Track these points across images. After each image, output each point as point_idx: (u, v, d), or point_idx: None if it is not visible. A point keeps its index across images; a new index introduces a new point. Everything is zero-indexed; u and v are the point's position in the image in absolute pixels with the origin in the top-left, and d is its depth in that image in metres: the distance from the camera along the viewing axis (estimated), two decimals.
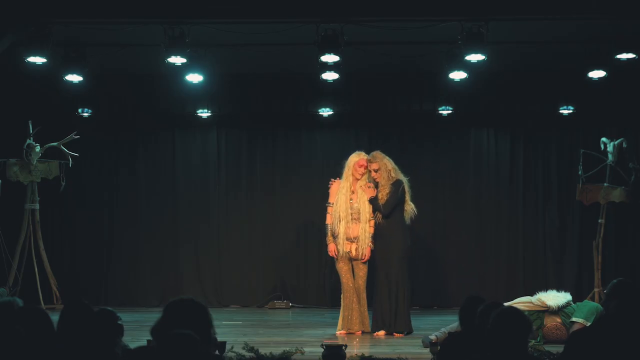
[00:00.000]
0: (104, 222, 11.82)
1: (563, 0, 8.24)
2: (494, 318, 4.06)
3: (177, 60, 8.75)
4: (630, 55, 8.55)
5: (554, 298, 8.16)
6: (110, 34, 8.93)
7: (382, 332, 8.83)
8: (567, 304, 8.15)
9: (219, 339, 4.35)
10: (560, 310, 8.12)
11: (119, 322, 4.33)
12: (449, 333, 7.05)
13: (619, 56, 8.58)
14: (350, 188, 8.92)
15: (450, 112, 11.25)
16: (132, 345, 4.70)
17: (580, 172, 11.11)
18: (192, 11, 8.31)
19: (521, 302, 8.15)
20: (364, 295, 8.98)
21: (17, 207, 10.96)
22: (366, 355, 7.24)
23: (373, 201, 8.80)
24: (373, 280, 8.95)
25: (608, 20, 8.38)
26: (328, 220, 9.01)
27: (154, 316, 3.64)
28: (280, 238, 11.82)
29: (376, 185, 8.89)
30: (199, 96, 11.04)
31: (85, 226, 11.79)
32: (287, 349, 7.46)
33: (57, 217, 11.78)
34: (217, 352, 4.28)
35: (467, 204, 11.76)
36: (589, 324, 7.63)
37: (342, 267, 8.99)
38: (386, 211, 8.76)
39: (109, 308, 4.41)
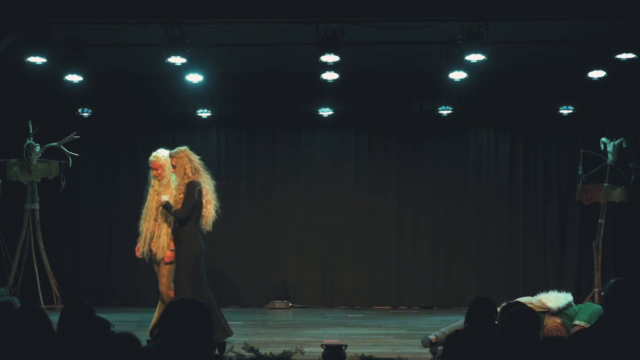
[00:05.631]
0: (104, 222, 11.81)
1: (563, 0, 8.24)
2: (506, 315, 4.09)
3: (177, 60, 8.74)
4: (630, 55, 8.53)
5: (555, 299, 8.12)
6: (110, 34, 8.93)
7: None
8: (569, 305, 8.11)
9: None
10: (560, 312, 8.08)
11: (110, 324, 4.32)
12: (455, 331, 7.04)
13: (619, 56, 8.57)
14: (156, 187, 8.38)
15: (450, 112, 11.25)
16: None
17: (580, 172, 11.12)
18: (192, 11, 8.31)
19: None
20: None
21: (17, 207, 10.97)
22: (366, 355, 7.25)
23: (167, 206, 8.00)
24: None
25: (608, 20, 8.38)
26: None
27: (153, 316, 3.65)
28: (280, 237, 11.82)
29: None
30: (199, 96, 11.05)
31: (85, 226, 11.79)
32: (287, 349, 7.47)
33: (57, 217, 11.78)
34: (217, 352, 4.28)
35: (467, 204, 11.76)
36: None
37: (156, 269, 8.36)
38: (183, 215, 7.94)
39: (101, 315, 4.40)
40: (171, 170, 8.21)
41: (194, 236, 8.03)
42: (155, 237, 8.23)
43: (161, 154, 8.34)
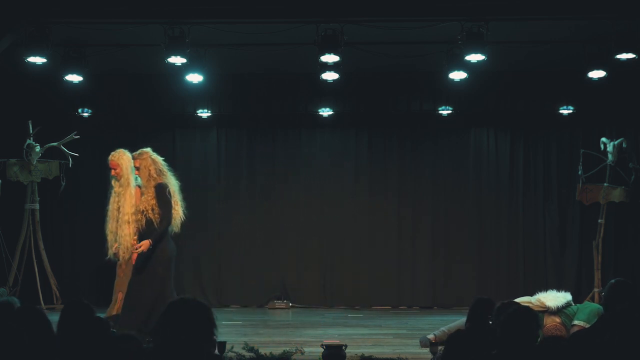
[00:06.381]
0: (104, 222, 11.77)
1: (563, 0, 8.24)
2: (506, 315, 4.10)
3: (177, 60, 8.75)
4: (630, 55, 8.53)
5: (554, 299, 8.10)
6: (110, 34, 8.93)
7: None
8: (568, 305, 8.10)
9: (219, 339, 4.35)
10: (560, 311, 8.08)
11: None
12: (456, 330, 7.04)
13: (619, 56, 8.57)
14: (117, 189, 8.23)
15: (450, 112, 11.25)
16: None
17: (580, 172, 11.13)
18: (192, 11, 8.31)
19: (521, 302, 8.10)
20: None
21: (17, 207, 10.96)
22: (366, 355, 7.25)
23: (154, 237, 7.72)
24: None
25: (608, 20, 8.38)
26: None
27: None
28: (280, 237, 11.82)
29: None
30: (199, 96, 11.05)
31: (85, 226, 11.76)
32: (287, 349, 7.47)
33: (57, 217, 11.77)
34: (217, 352, 4.28)
35: (467, 204, 11.76)
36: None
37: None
38: (168, 222, 7.75)
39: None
40: (134, 172, 8.06)
41: (166, 240, 7.85)
42: (117, 237, 8.09)
43: (118, 153, 8.23)
